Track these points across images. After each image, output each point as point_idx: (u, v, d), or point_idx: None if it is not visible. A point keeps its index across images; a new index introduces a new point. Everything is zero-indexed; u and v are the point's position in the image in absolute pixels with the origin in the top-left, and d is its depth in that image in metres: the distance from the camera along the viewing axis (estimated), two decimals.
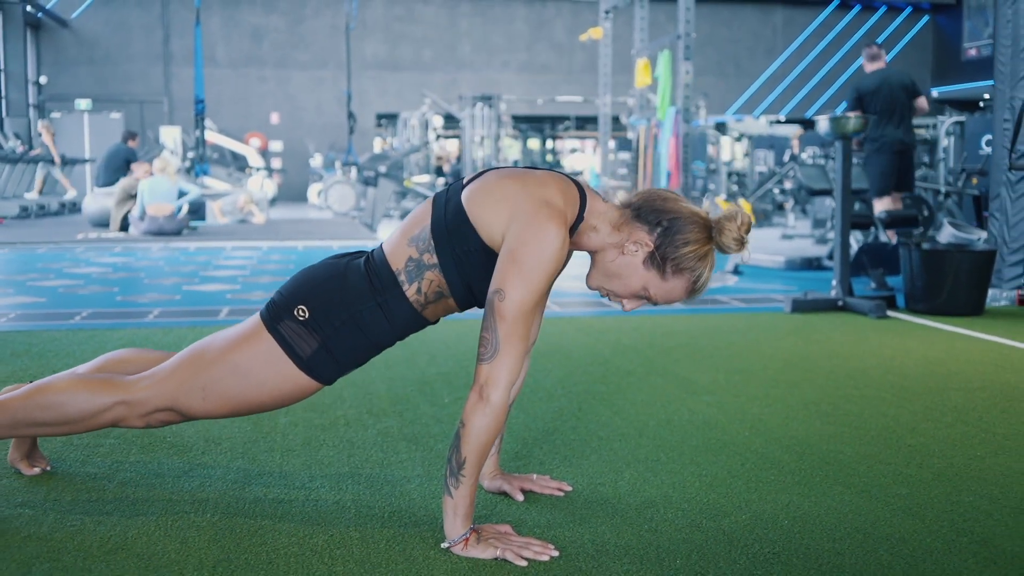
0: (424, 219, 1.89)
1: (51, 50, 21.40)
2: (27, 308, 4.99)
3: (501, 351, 1.74)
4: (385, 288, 1.88)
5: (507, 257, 1.77)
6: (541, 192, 1.82)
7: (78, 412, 1.91)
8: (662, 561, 1.76)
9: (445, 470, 1.77)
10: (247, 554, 1.77)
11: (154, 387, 1.91)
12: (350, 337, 1.88)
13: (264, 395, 1.89)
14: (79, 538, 1.84)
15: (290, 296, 1.90)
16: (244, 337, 1.90)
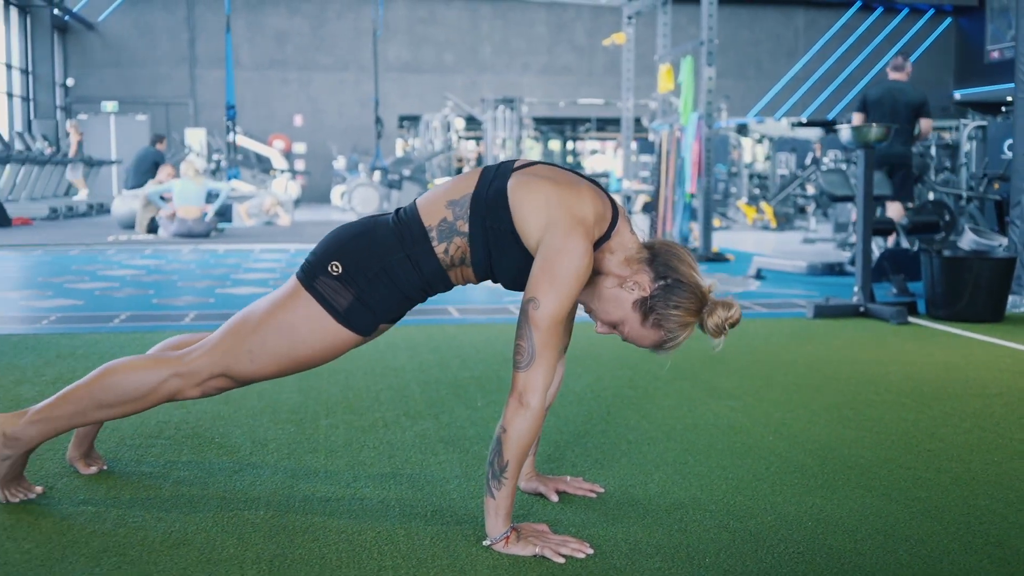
0: (467, 188, 1.99)
1: (78, 53, 21.66)
2: (66, 311, 5.13)
3: (537, 359, 1.85)
4: (415, 241, 1.98)
5: (541, 267, 1.87)
6: (579, 208, 1.92)
7: (136, 389, 2.03)
8: (692, 559, 1.86)
9: (487, 473, 1.88)
10: (301, 549, 1.88)
11: (204, 357, 2.02)
12: (383, 288, 1.98)
13: (308, 351, 1.99)
14: (141, 534, 1.96)
15: (323, 254, 2.00)
16: (284, 299, 2.00)
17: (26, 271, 7.23)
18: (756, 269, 7.00)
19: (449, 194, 2.00)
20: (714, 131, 8.36)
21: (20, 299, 5.63)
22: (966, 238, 5.51)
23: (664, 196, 8.84)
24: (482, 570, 1.79)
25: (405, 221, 2.00)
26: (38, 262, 7.89)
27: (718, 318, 1.92)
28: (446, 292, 2.09)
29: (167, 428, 2.76)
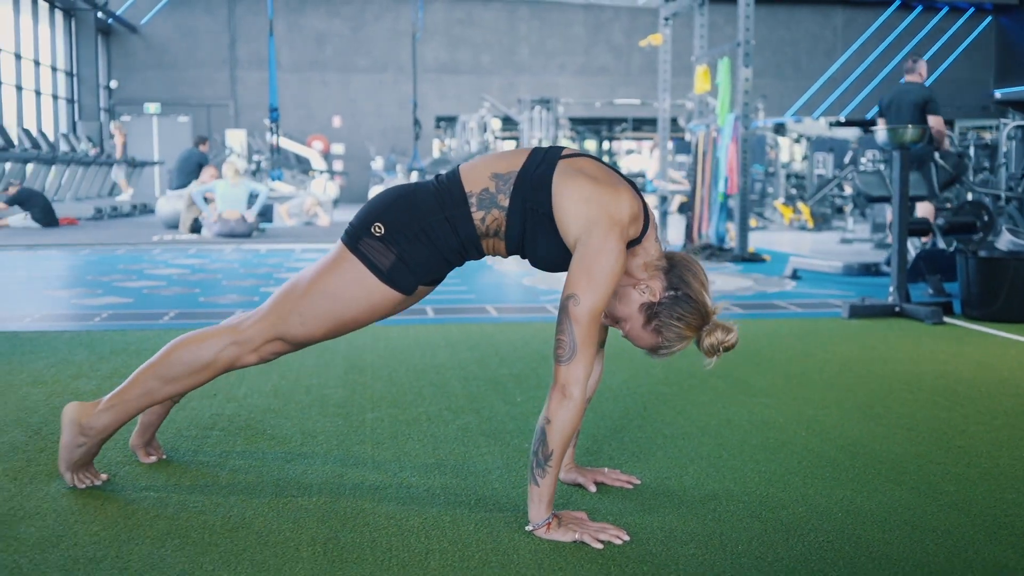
0: (514, 164, 2.08)
1: (121, 55, 22.03)
2: (117, 308, 5.29)
3: (578, 352, 1.94)
4: (455, 205, 2.07)
5: (580, 266, 1.96)
6: (617, 209, 2.01)
7: (198, 360, 2.15)
8: (725, 547, 1.94)
9: (531, 462, 1.97)
10: (352, 533, 1.99)
11: (257, 324, 2.15)
12: (422, 249, 2.07)
13: (354, 311, 2.10)
14: (202, 518, 2.07)
15: (366, 217, 2.11)
16: (330, 264, 2.11)
17: (75, 270, 7.43)
18: (792, 269, 7.03)
19: (495, 166, 2.10)
20: (751, 131, 8.39)
21: (71, 297, 5.80)
22: (1003, 239, 5.51)
23: (700, 196, 8.89)
24: (524, 554, 1.89)
25: (446, 185, 2.10)
26: (86, 261, 8.09)
27: (715, 339, 2.05)
28: (478, 260, 2.19)
29: (220, 420, 2.88)
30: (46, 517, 2.08)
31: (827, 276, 6.94)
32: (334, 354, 3.93)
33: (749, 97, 8.25)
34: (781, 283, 6.67)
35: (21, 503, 2.16)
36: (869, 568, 1.84)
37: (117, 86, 21.88)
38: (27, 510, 2.12)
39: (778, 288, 6.38)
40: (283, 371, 3.59)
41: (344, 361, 3.80)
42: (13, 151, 13.42)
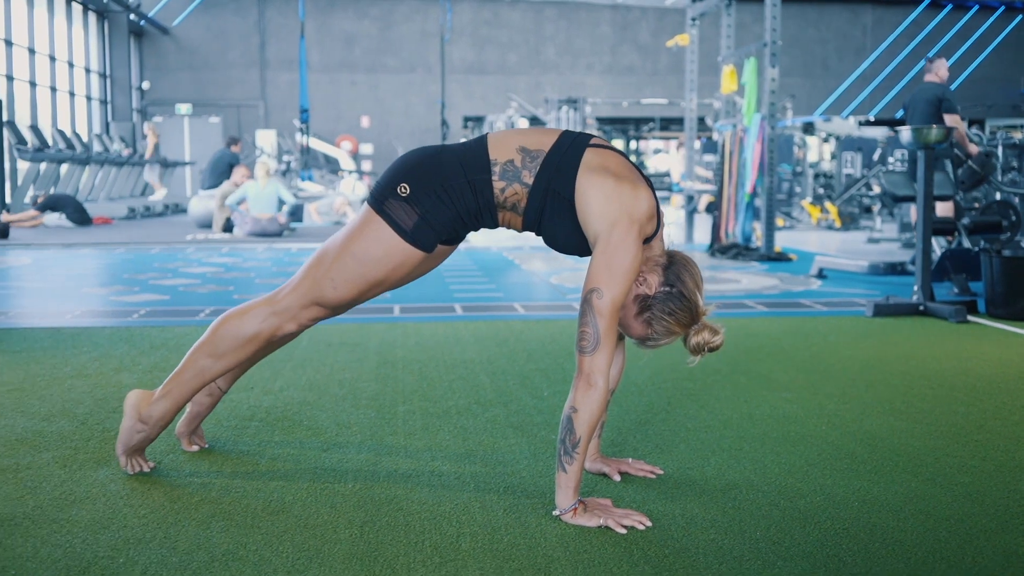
0: (544, 144, 2.18)
1: (153, 56, 22.31)
2: (155, 305, 5.43)
3: (602, 343, 2.03)
4: (479, 170, 2.17)
5: (602, 261, 2.05)
6: (637, 208, 2.10)
7: (243, 333, 2.27)
8: (743, 533, 2.02)
9: (558, 450, 2.06)
10: (387, 517, 2.08)
11: (293, 293, 2.27)
12: (443, 208, 2.17)
13: (382, 271, 2.20)
14: (244, 502, 2.18)
15: (392, 177, 2.21)
16: (357, 228, 2.21)
17: (112, 268, 7.59)
18: (818, 268, 7.08)
19: (524, 140, 2.19)
20: (777, 131, 8.43)
21: (110, 294, 5.95)
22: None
23: (727, 196, 8.94)
24: (551, 538, 1.98)
25: (472, 149, 2.20)
26: (122, 260, 8.26)
27: (701, 339, 2.13)
28: (492, 229, 2.29)
29: (258, 412, 2.99)
30: (96, 501, 2.19)
31: (853, 275, 6.98)
32: (366, 350, 4.04)
33: (776, 97, 8.29)
34: (807, 282, 6.71)
35: (72, 488, 2.28)
36: (882, 554, 1.92)
37: (149, 87, 22.16)
38: (78, 495, 2.23)
39: (804, 287, 6.43)
40: (317, 365, 3.70)
41: (376, 356, 3.90)
42: (48, 151, 13.66)
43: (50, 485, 2.30)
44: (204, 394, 2.53)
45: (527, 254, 8.96)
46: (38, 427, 2.81)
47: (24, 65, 16.61)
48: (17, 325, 4.72)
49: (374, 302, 5.57)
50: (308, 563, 1.84)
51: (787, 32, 23.20)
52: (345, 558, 1.87)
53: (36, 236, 10.85)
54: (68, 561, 1.85)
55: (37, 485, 2.30)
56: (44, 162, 13.79)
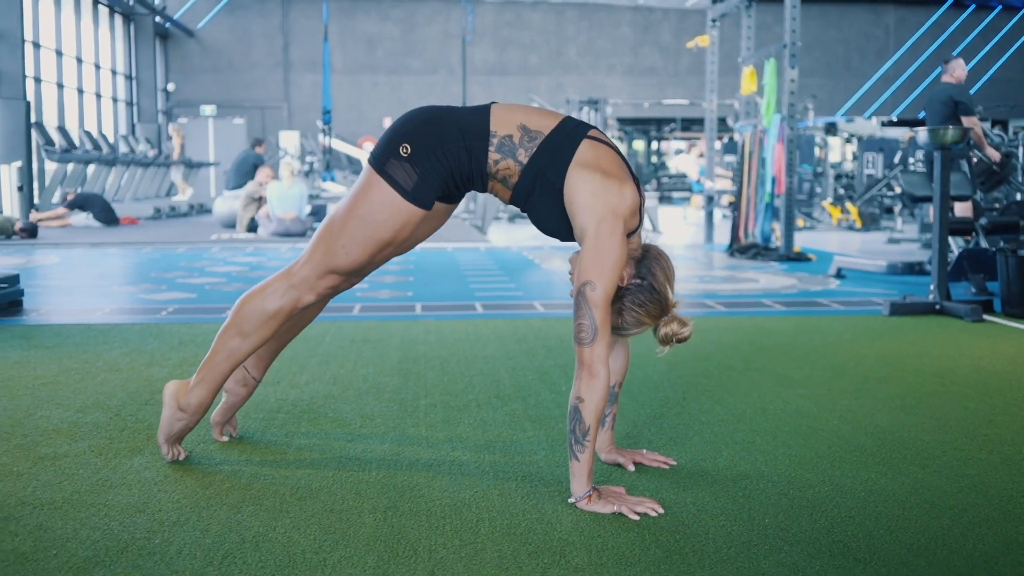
0: (545, 126, 2.26)
1: (178, 58, 22.54)
2: (182, 303, 5.55)
3: (599, 333, 2.13)
4: (476, 136, 2.25)
5: (593, 255, 2.14)
6: (622, 204, 2.20)
7: (265, 310, 2.37)
8: (752, 520, 2.10)
9: (569, 440, 2.14)
10: (409, 503, 2.17)
11: (307, 264, 2.36)
12: (440, 168, 2.26)
13: (387, 231, 2.29)
14: (273, 488, 2.27)
15: (394, 137, 2.29)
16: (360, 192, 2.31)
17: (140, 267, 7.73)
18: (836, 268, 7.12)
19: (527, 119, 2.28)
20: (796, 131, 8.47)
21: (138, 292, 6.08)
22: None
23: (746, 196, 8.99)
24: (566, 523, 2.06)
25: (474, 117, 2.28)
26: (149, 259, 8.40)
27: (670, 330, 2.24)
28: (480, 192, 2.37)
29: (285, 405, 3.09)
30: (131, 487, 2.29)
31: (871, 275, 7.01)
32: (388, 346, 4.13)
33: (795, 98, 8.33)
34: (825, 282, 6.76)
35: (108, 475, 2.38)
36: (886, 541, 1.99)
37: (174, 89, 22.39)
38: (114, 481, 2.33)
39: (822, 287, 6.48)
40: (341, 361, 3.80)
41: (398, 352, 4.00)
42: (75, 153, 13.86)
43: (87, 472, 2.40)
44: (239, 384, 2.63)
45: (547, 253, 9.05)
46: (74, 418, 2.92)
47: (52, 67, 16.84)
48: (49, 321, 4.85)
49: (396, 301, 5.67)
50: (335, 545, 1.93)
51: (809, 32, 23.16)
52: (370, 540, 1.96)
53: (64, 236, 11.03)
54: (107, 542, 1.95)
55: (75, 472, 2.40)
56: (71, 163, 13.99)
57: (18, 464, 2.46)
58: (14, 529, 2.01)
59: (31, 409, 3.03)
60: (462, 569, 1.82)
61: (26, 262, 8.06)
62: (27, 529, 2.01)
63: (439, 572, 1.81)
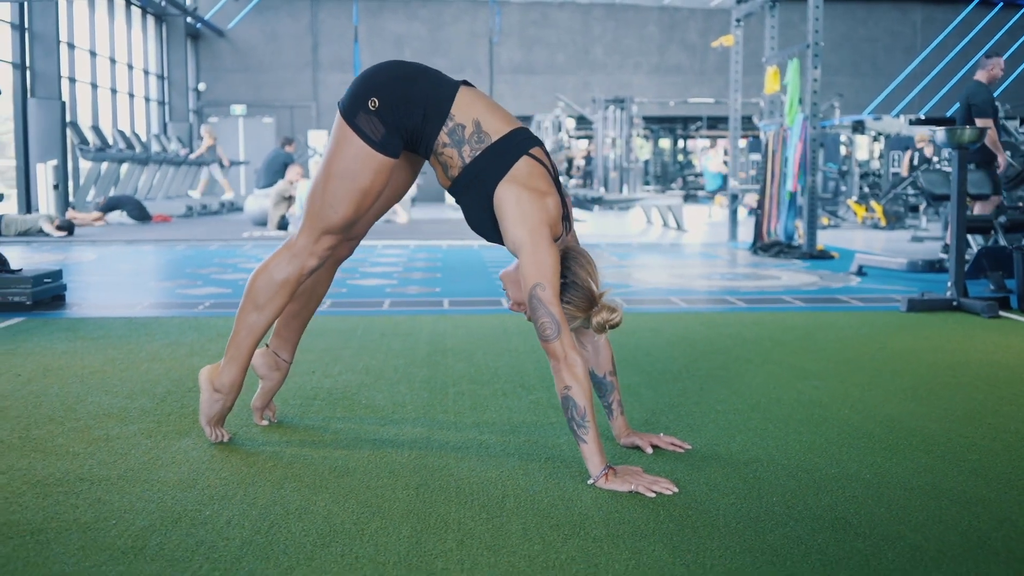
0: (495, 131, 2.43)
1: (209, 58, 22.82)
2: (218, 298, 5.74)
3: (561, 325, 2.31)
4: (435, 110, 2.42)
5: (531, 262, 2.33)
6: (548, 215, 2.39)
7: (274, 281, 2.55)
8: (761, 498, 2.24)
9: (571, 428, 2.30)
10: (439, 481, 2.33)
11: (303, 232, 2.55)
12: (400, 125, 2.43)
13: (364, 180, 2.46)
14: (312, 467, 2.43)
15: (364, 88, 2.45)
16: (334, 150, 2.48)
17: (175, 263, 7.94)
18: (858, 266, 7.21)
19: (483, 116, 2.45)
20: (819, 131, 8.56)
21: (175, 287, 6.28)
22: None
23: (769, 194, 9.08)
24: (586, 500, 2.21)
25: (441, 92, 2.44)
26: (183, 256, 8.62)
27: (601, 318, 2.40)
28: (423, 158, 2.56)
29: (321, 392, 3.26)
30: (180, 465, 2.46)
31: (893, 273, 7.10)
32: (417, 339, 4.29)
33: (819, 97, 8.43)
34: (846, 279, 6.86)
35: (158, 455, 2.55)
36: (887, 518, 2.12)
37: (205, 88, 22.68)
38: (164, 460, 2.50)
39: (842, 284, 6.58)
40: (373, 352, 3.96)
41: (427, 345, 4.16)
42: (109, 151, 14.14)
43: (138, 452, 2.57)
44: (272, 368, 2.80)
45: None
46: (122, 404, 3.10)
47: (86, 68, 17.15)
48: (92, 315, 5.05)
49: (425, 296, 5.83)
50: (371, 517, 2.09)
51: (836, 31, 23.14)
52: (403, 514, 2.11)
53: (100, 233, 11.28)
54: (161, 513, 2.11)
55: (127, 452, 2.57)
56: (105, 162, 14.26)
57: (74, 445, 2.63)
58: (75, 502, 2.18)
59: (81, 396, 3.21)
60: (489, 540, 1.97)
61: (64, 258, 8.29)
62: (87, 502, 2.18)
63: (468, 542, 1.96)
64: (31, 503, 2.17)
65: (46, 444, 2.63)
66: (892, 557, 1.90)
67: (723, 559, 1.88)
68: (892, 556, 1.90)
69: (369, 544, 1.94)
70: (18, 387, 3.33)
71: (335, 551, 1.90)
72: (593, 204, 13.09)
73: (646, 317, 5.03)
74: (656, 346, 4.18)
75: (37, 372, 3.58)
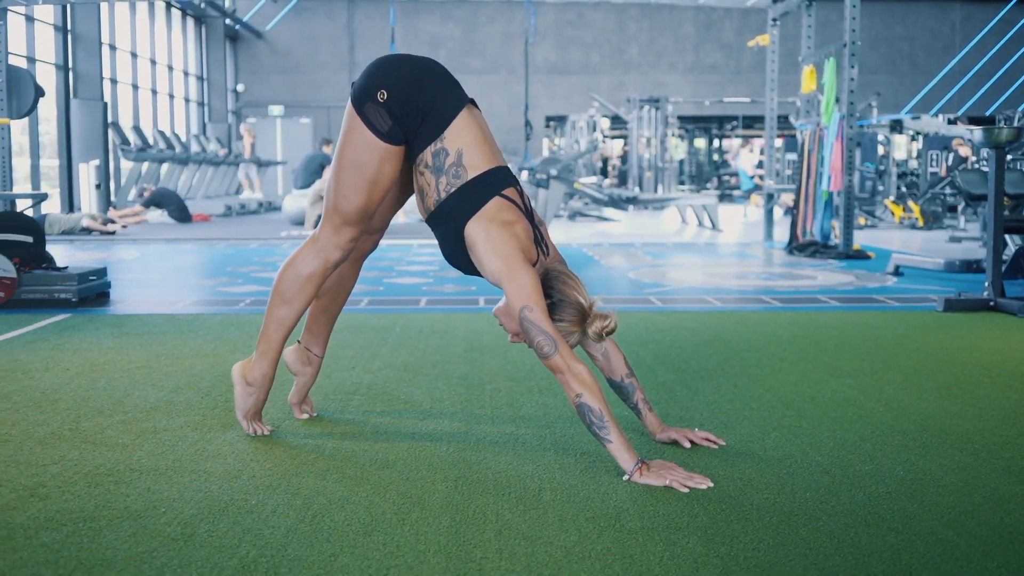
0: (474, 168, 2.50)
1: (247, 60, 23.08)
2: (258, 295, 5.84)
3: (557, 339, 2.36)
4: (434, 123, 2.50)
5: (514, 288, 2.39)
6: (520, 243, 2.46)
7: (301, 276, 2.63)
8: (794, 493, 2.27)
9: (593, 433, 2.34)
10: (477, 474, 2.38)
11: (324, 227, 2.64)
12: (405, 126, 2.52)
13: (371, 168, 2.54)
14: (354, 459, 2.50)
15: (375, 79, 2.54)
16: (344, 140, 2.57)
17: (215, 262, 8.07)
18: (894, 266, 7.19)
19: (466, 149, 2.53)
20: (856, 130, 8.53)
21: (216, 285, 6.39)
22: None
23: (805, 194, 9.06)
24: (621, 493, 2.25)
25: (444, 106, 2.52)
26: (223, 254, 8.75)
27: (597, 327, 2.44)
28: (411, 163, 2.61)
29: (360, 388, 3.32)
30: (226, 457, 2.53)
31: (930, 273, 7.07)
32: (454, 336, 4.35)
33: (855, 96, 8.40)
34: (882, 279, 6.84)
35: (204, 447, 2.62)
36: (919, 513, 2.14)
37: (243, 89, 22.93)
38: (209, 452, 2.58)
39: (879, 284, 6.57)
40: (411, 349, 4.03)
41: (464, 342, 4.21)
42: (150, 152, 14.35)
43: (185, 444, 2.65)
44: (305, 364, 2.88)
45: (607, 250, 9.21)
46: (168, 397, 3.18)
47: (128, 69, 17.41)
48: (136, 311, 5.16)
49: (461, 295, 5.89)
50: (411, 508, 2.15)
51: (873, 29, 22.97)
52: (443, 505, 2.17)
53: (141, 232, 11.47)
54: (209, 502, 2.18)
55: (175, 444, 2.65)
56: (146, 162, 14.48)
57: (123, 437, 2.71)
58: (125, 491, 2.26)
59: (128, 389, 3.30)
60: (526, 531, 2.02)
61: (108, 257, 8.45)
62: (137, 491, 2.26)
63: (505, 532, 2.01)
64: (83, 492, 2.24)
65: (96, 436, 2.72)
66: (924, 551, 1.92)
67: (756, 552, 1.92)
68: (924, 551, 1.93)
69: (410, 533, 2.00)
70: (67, 381, 3.43)
71: (377, 540, 1.96)
72: (628, 204, 13.11)
73: (681, 316, 5.06)
74: (691, 344, 4.21)
75: (85, 367, 3.68)
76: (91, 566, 1.83)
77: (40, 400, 3.14)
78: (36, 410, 3.01)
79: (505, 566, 1.84)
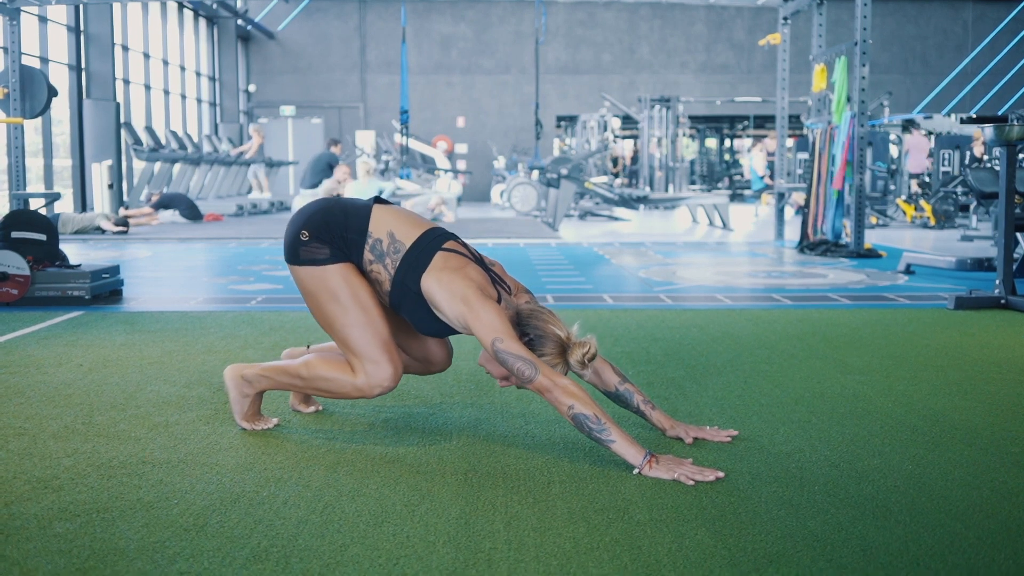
0: (409, 237, 2.55)
1: (259, 60, 23.14)
2: (269, 293, 5.86)
3: (535, 363, 2.37)
4: (356, 230, 2.56)
5: (480, 324, 2.41)
6: (475, 281, 2.48)
7: (330, 386, 2.60)
8: (802, 487, 2.27)
9: (596, 440, 2.34)
10: (486, 467, 2.39)
11: (357, 369, 2.56)
12: (336, 245, 2.56)
13: (346, 291, 2.56)
14: (364, 453, 2.51)
15: (293, 230, 2.59)
16: (313, 301, 2.61)
17: (227, 260, 8.10)
18: (906, 264, 7.17)
19: (397, 226, 2.59)
20: (867, 129, 8.52)
21: (228, 283, 6.42)
22: None
23: (816, 193, 9.05)
24: (630, 487, 2.26)
25: (357, 212, 2.60)
26: (235, 253, 8.78)
27: (577, 356, 2.47)
28: None
29: None
30: (238, 450, 2.55)
31: (941, 271, 7.05)
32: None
33: (866, 95, 8.39)
34: (893, 277, 6.83)
35: (216, 440, 2.64)
36: (927, 506, 2.15)
37: (255, 90, 22.99)
38: (222, 445, 2.60)
39: (889, 282, 6.56)
40: None
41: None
42: (162, 152, 14.41)
43: (197, 437, 2.67)
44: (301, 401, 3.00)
45: (617, 250, 9.22)
46: (181, 392, 3.21)
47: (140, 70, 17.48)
48: (149, 309, 5.19)
49: None
50: (421, 499, 2.16)
51: (885, 28, 22.91)
52: (453, 497, 2.18)
53: (153, 231, 11.52)
54: (221, 494, 2.20)
55: (187, 437, 2.67)
56: (158, 162, 14.53)
57: (136, 430, 2.74)
58: (138, 483, 2.28)
59: (141, 384, 3.33)
60: (535, 522, 2.03)
61: (120, 255, 8.49)
62: (150, 483, 2.28)
63: (515, 523, 2.02)
64: (96, 484, 2.27)
65: (109, 429, 2.74)
66: (931, 543, 1.93)
67: (765, 543, 1.93)
68: (931, 542, 1.93)
69: (420, 524, 2.01)
70: (80, 376, 3.46)
71: (387, 530, 1.98)
72: (639, 203, 13.10)
73: (691, 314, 5.07)
74: (701, 341, 4.21)
75: (98, 362, 3.71)
76: (104, 555, 1.85)
77: (53, 395, 3.17)
78: (50, 405, 3.04)
79: (514, 556, 1.85)
